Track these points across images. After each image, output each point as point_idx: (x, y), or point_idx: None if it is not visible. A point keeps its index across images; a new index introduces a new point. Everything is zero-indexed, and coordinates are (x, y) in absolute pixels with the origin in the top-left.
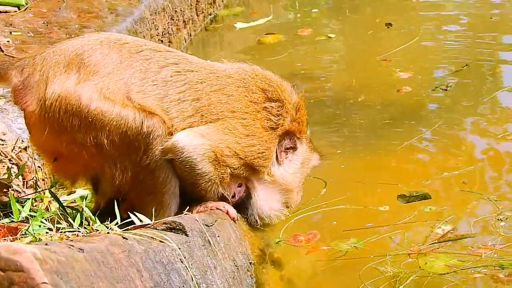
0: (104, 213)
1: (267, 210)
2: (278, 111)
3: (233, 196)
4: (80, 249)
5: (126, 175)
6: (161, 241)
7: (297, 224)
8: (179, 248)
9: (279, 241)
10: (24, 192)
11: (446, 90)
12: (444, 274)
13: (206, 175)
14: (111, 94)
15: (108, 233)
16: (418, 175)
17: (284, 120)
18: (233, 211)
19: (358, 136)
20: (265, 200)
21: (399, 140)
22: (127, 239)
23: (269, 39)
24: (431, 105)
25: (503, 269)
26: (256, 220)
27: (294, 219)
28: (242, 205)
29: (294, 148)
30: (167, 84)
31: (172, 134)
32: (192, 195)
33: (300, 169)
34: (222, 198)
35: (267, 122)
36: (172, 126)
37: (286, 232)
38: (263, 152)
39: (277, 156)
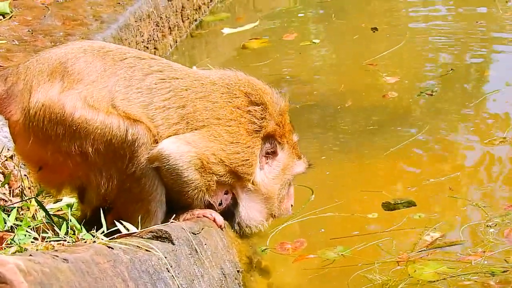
0: (90, 222)
1: (247, 220)
2: (261, 114)
3: (220, 204)
4: (65, 259)
5: (112, 183)
6: (147, 250)
7: (284, 232)
8: (166, 257)
9: (265, 249)
10: (10, 200)
11: (431, 95)
12: (434, 281)
13: (193, 182)
14: (95, 102)
15: (94, 242)
16: (404, 182)
17: (267, 123)
18: (220, 219)
19: (343, 142)
20: (246, 210)
21: (385, 146)
22: (112, 248)
23: (254, 44)
24: (417, 110)
25: (493, 276)
26: (236, 229)
27: (281, 226)
28: (229, 213)
29: (274, 153)
30: (152, 92)
31: (157, 142)
32: (178, 203)
33: (280, 175)
34: (209, 206)
35: (251, 126)
36: (157, 134)
37: (273, 239)
38: (247, 159)
39: (259, 161)
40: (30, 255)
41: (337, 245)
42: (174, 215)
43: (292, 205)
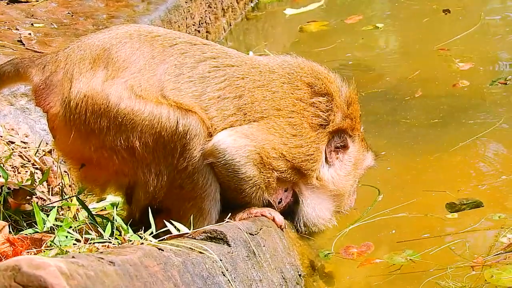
0: (138, 224)
1: (314, 218)
2: (327, 106)
3: (280, 202)
4: (111, 262)
5: (161, 180)
6: (200, 252)
7: (350, 235)
8: (221, 260)
9: (328, 253)
10: (49, 199)
11: (505, 84)
12: None
13: (251, 179)
14: (143, 92)
15: (142, 244)
16: (474, 179)
17: (334, 115)
18: (280, 218)
19: (409, 135)
20: (312, 207)
21: (453, 141)
22: (162, 250)
23: (312, 27)
24: (491, 101)
25: None
26: (302, 228)
27: (347, 229)
28: (289, 211)
29: (345, 147)
30: (205, 81)
31: (212, 135)
32: (234, 201)
33: (352, 170)
34: (268, 204)
35: (316, 119)
36: (212, 126)
37: (338, 243)
38: (311, 154)
39: (326, 156)
40: (73, 257)
41: (405, 248)
42: (230, 214)
43: (355, 199)
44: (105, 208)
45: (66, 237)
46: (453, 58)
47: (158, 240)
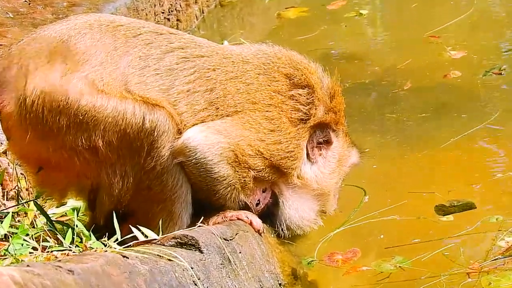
0: (102, 230)
1: (298, 220)
2: (307, 98)
3: (257, 204)
4: (70, 270)
5: (127, 182)
6: (169, 260)
7: (334, 240)
8: (192, 268)
9: (311, 260)
10: (4, 204)
11: (500, 74)
12: None
13: (225, 179)
14: (105, 87)
15: (105, 251)
16: (466, 178)
17: (316, 109)
18: (257, 222)
19: (397, 130)
20: (295, 208)
21: (445, 136)
22: (127, 257)
23: (291, 13)
24: (484, 93)
25: None
26: (284, 232)
27: (331, 233)
28: (268, 214)
29: (328, 143)
30: (173, 73)
31: (181, 132)
32: (207, 204)
33: (337, 168)
34: (244, 207)
35: (296, 113)
36: (181, 122)
37: (322, 249)
38: (291, 150)
39: (308, 153)
40: (28, 265)
41: (395, 255)
42: (202, 218)
43: (337, 198)
44: (65, 213)
45: (22, 245)
46: (444, 46)
47: (123, 247)
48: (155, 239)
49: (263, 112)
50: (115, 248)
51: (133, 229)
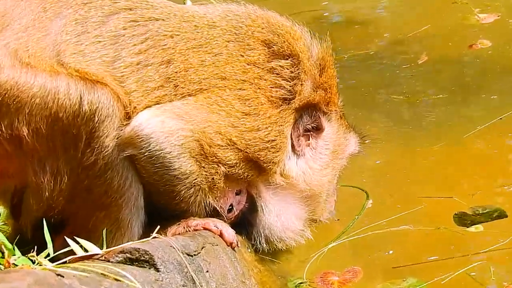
0: (30, 243)
1: (280, 230)
2: (291, 72)
3: (230, 210)
4: None
5: (60, 182)
6: (116, 279)
7: (329, 256)
8: None
9: (300, 283)
10: None
11: None
12: None
13: (187, 177)
14: (32, 58)
15: (34, 269)
16: (495, 178)
17: (302, 85)
18: (230, 233)
19: (406, 117)
20: (277, 215)
21: (468, 125)
22: (63, 276)
23: None
24: None
25: None
26: (263, 246)
27: (325, 248)
28: (243, 223)
29: (319, 129)
30: (119, 41)
31: (131, 117)
32: (165, 209)
33: (331, 161)
34: (213, 214)
35: (277, 91)
36: (130, 104)
37: (313, 267)
38: (272, 140)
39: (293, 144)
40: None
41: (406, 276)
42: (158, 227)
43: (335, 201)
44: None
45: None
46: (471, 7)
47: (57, 264)
48: (98, 254)
49: (235, 90)
50: (46, 266)
51: (69, 241)
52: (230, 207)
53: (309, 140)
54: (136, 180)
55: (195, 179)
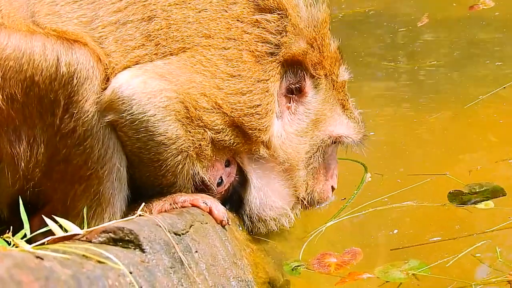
0: (6, 223)
1: (260, 208)
2: (278, 26)
3: (220, 183)
4: None
5: (37, 152)
6: (100, 262)
7: (327, 236)
8: (131, 273)
9: (296, 265)
10: None
11: None
12: None
13: (174, 143)
14: (5, 19)
15: (10, 251)
16: (493, 151)
17: (289, 38)
18: (220, 209)
19: (405, 84)
20: (264, 191)
21: (470, 92)
22: (42, 259)
23: None
24: None
25: None
26: (256, 225)
27: (322, 227)
28: (235, 198)
29: (301, 92)
30: (96, 0)
31: (110, 78)
32: (150, 183)
33: (309, 130)
34: (202, 189)
35: (261, 46)
36: (109, 65)
37: (309, 249)
38: (257, 105)
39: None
40: None
41: (407, 257)
42: (143, 204)
43: (333, 188)
44: None
45: None
46: None
47: (35, 245)
48: (79, 234)
49: (219, 49)
50: (24, 247)
51: (48, 220)
52: (220, 180)
53: (290, 103)
54: (118, 149)
55: (182, 144)
